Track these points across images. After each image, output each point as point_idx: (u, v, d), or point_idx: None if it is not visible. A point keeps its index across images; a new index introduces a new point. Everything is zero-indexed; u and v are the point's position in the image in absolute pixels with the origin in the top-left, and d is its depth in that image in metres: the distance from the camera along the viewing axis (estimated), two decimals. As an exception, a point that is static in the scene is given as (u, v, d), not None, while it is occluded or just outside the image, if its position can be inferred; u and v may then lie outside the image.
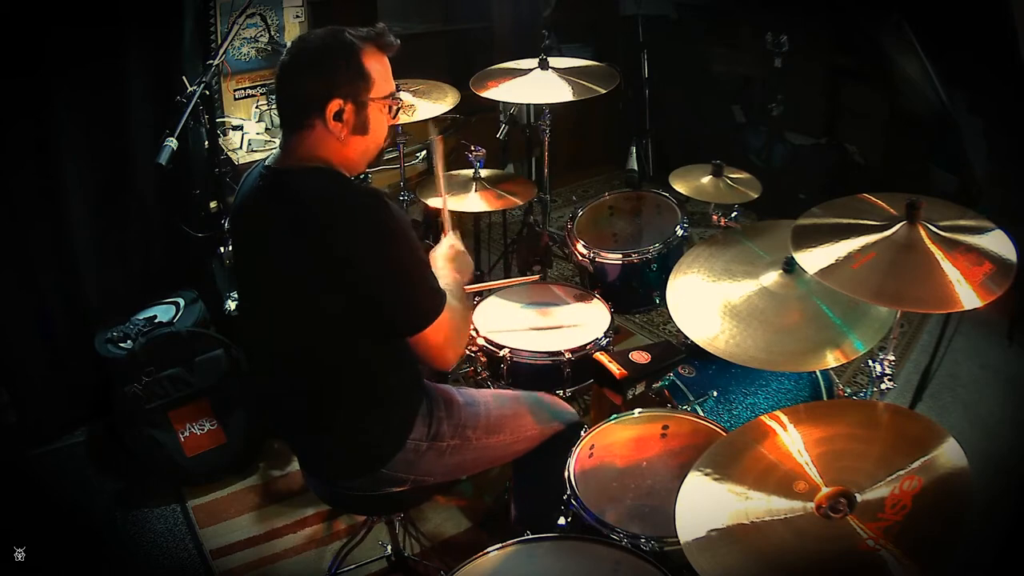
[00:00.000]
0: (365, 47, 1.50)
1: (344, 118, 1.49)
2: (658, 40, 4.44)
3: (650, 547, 1.49)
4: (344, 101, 1.48)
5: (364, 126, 1.53)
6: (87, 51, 2.55)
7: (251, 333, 1.77)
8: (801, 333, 1.64)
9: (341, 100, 1.48)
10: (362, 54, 1.50)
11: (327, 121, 1.48)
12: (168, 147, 2.14)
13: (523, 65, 2.72)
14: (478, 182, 2.64)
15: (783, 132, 4.15)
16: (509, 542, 1.50)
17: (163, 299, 2.87)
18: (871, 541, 1.08)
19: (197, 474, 2.64)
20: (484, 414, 1.80)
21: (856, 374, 3.00)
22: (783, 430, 1.33)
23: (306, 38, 1.55)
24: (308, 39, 1.54)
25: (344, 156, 1.55)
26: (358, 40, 1.50)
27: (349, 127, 1.51)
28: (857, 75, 3.86)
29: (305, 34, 1.57)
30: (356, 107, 1.50)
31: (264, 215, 1.56)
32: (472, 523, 2.45)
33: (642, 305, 2.63)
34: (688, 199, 2.51)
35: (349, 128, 1.51)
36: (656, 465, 1.75)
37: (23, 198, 2.59)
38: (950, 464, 1.15)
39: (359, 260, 1.45)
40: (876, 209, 1.57)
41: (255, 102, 3.16)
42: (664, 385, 2.05)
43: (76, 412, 2.86)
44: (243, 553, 2.39)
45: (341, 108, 1.48)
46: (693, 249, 1.92)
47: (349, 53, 1.48)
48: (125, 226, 2.86)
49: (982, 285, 1.35)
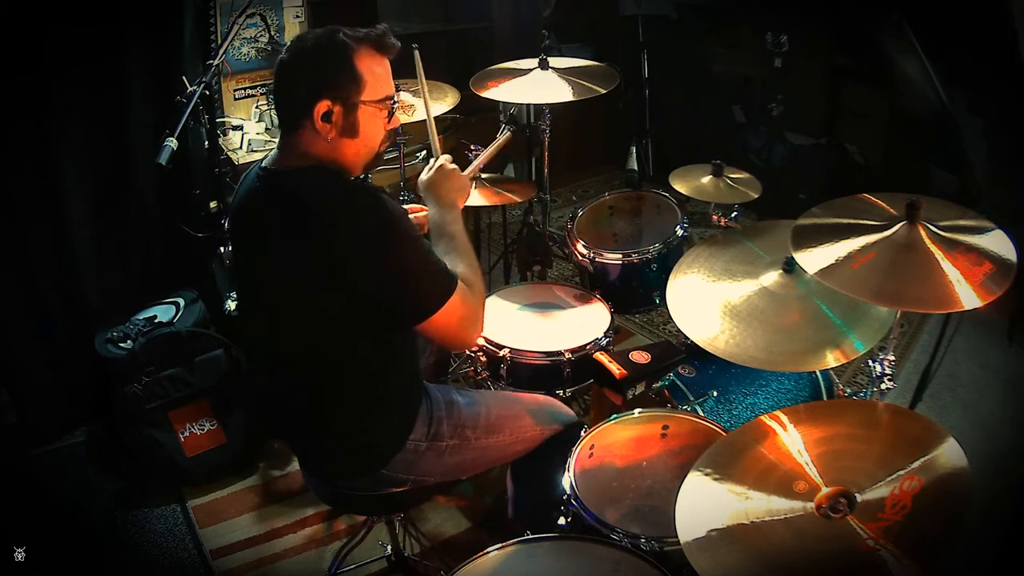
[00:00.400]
0: (360, 48, 1.48)
1: (332, 120, 1.47)
2: (658, 40, 4.44)
3: (650, 547, 1.49)
4: (333, 103, 1.46)
5: (353, 129, 1.51)
6: (87, 51, 2.55)
7: (251, 333, 1.77)
8: (801, 333, 1.64)
9: (329, 101, 1.46)
10: (355, 55, 1.47)
11: (315, 122, 1.47)
12: (168, 147, 2.14)
13: (523, 65, 2.72)
14: (478, 181, 2.64)
15: (783, 132, 4.15)
16: (509, 542, 1.50)
17: (163, 299, 2.88)
18: (871, 541, 1.08)
19: (197, 474, 2.64)
20: (484, 414, 1.80)
21: (856, 374, 3.00)
22: (783, 430, 1.33)
23: (303, 38, 1.54)
24: (304, 39, 1.53)
25: (334, 159, 1.53)
26: (353, 41, 1.48)
27: (337, 129, 1.49)
28: (857, 75, 3.85)
29: (303, 33, 1.57)
30: (345, 109, 1.48)
31: (263, 215, 1.56)
32: (472, 523, 2.45)
33: (642, 305, 2.62)
34: (688, 199, 2.51)
35: (337, 130, 1.49)
36: (656, 465, 1.75)
37: (23, 198, 2.59)
38: (950, 464, 1.15)
39: (361, 262, 1.44)
40: (876, 209, 1.57)
41: (255, 102, 3.16)
42: (664, 385, 2.05)
43: (76, 412, 2.86)
44: (243, 553, 2.39)
45: (329, 109, 1.46)
46: (693, 249, 1.92)
47: (341, 54, 1.47)
48: (125, 226, 2.86)
49: (982, 285, 1.35)
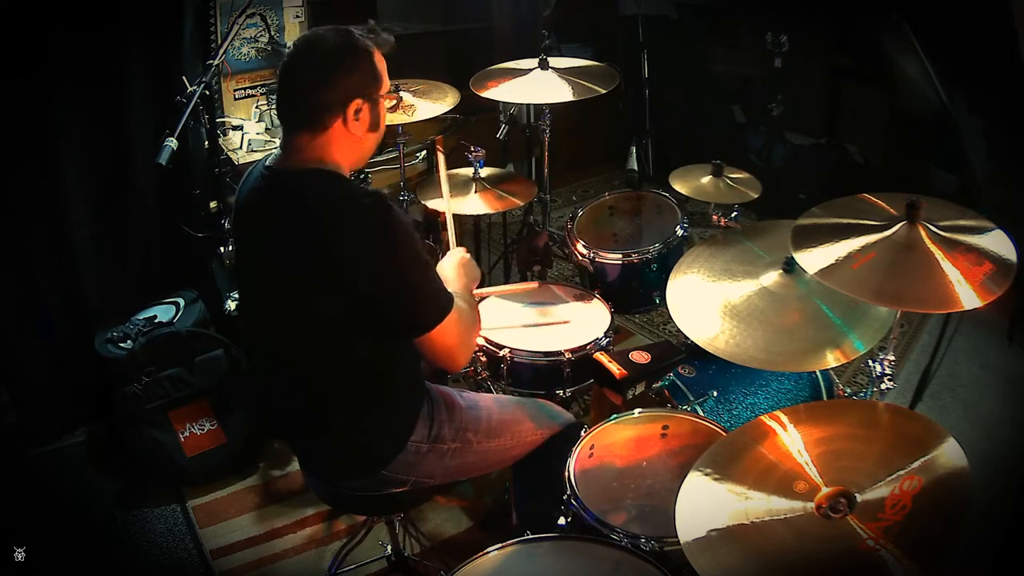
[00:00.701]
0: (374, 47, 1.56)
1: (360, 117, 1.53)
2: (658, 40, 4.44)
3: (650, 547, 1.49)
4: (363, 101, 1.53)
5: (377, 123, 1.59)
6: (87, 51, 2.54)
7: (251, 333, 1.78)
8: (801, 333, 1.64)
9: (361, 100, 1.52)
10: (374, 55, 1.55)
11: (347, 121, 1.52)
12: (168, 147, 2.14)
13: (523, 65, 2.71)
14: (478, 182, 2.64)
15: (783, 132, 4.15)
16: (509, 542, 1.50)
17: (163, 299, 2.87)
18: (871, 541, 1.08)
19: (197, 474, 2.64)
20: (485, 418, 1.80)
21: (856, 374, 3.00)
22: (783, 430, 1.33)
23: (316, 40, 1.53)
24: (319, 41, 1.52)
25: (355, 152, 1.59)
26: (368, 40, 1.55)
27: (366, 125, 1.56)
28: (857, 75, 3.86)
29: (311, 35, 1.56)
30: (371, 105, 1.55)
31: (265, 215, 1.56)
32: (472, 523, 2.45)
33: (642, 305, 2.62)
34: (688, 199, 2.51)
35: (366, 126, 1.56)
36: (656, 465, 1.75)
37: (23, 198, 2.59)
38: (950, 464, 1.15)
39: (361, 261, 1.45)
40: (876, 209, 1.57)
41: (255, 102, 3.15)
42: (664, 385, 2.05)
43: (76, 412, 2.86)
44: (243, 553, 2.39)
45: (359, 108, 1.52)
46: (693, 249, 1.92)
47: (366, 55, 1.53)
48: (125, 226, 2.86)
49: (982, 285, 1.35)
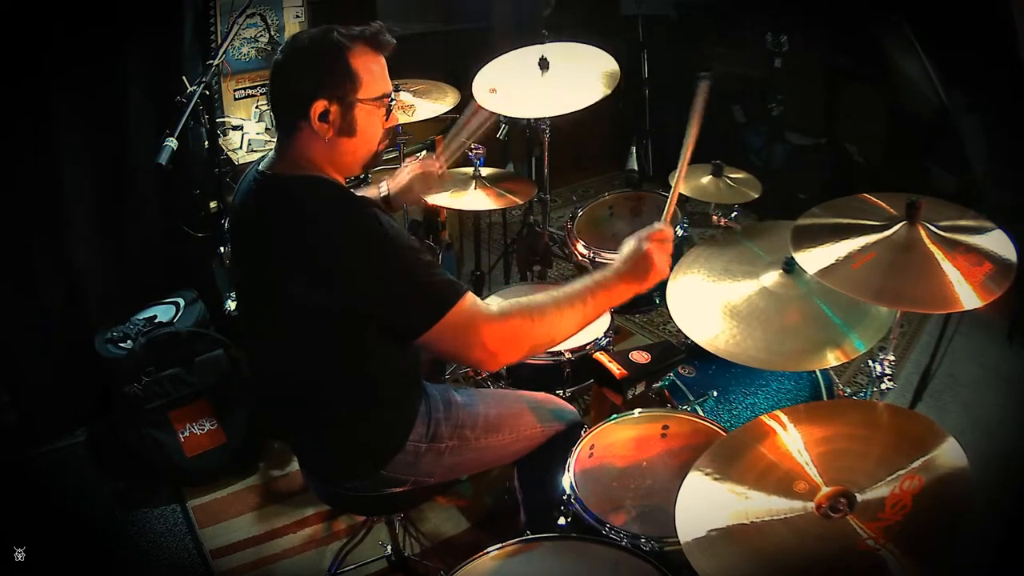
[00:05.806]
0: (354, 46, 1.48)
1: (330, 119, 1.47)
2: (658, 40, 4.44)
3: (650, 547, 1.49)
4: (329, 102, 1.46)
5: (351, 128, 1.50)
6: (87, 51, 2.55)
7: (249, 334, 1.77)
8: (801, 333, 1.64)
9: (326, 101, 1.45)
10: (349, 54, 1.47)
11: (312, 122, 1.46)
12: (168, 147, 2.14)
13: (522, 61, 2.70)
14: (478, 180, 2.63)
15: (783, 132, 4.15)
16: (509, 542, 1.50)
17: (163, 299, 2.87)
18: (871, 541, 1.08)
19: (197, 474, 2.64)
20: (483, 414, 1.79)
21: (856, 374, 3.00)
22: (783, 430, 1.32)
23: (297, 38, 1.53)
24: (298, 39, 1.52)
25: (332, 159, 1.53)
26: (347, 39, 1.47)
27: (335, 128, 1.48)
28: (857, 75, 3.85)
29: (297, 33, 1.56)
30: (342, 108, 1.48)
31: (258, 220, 1.55)
32: (472, 523, 2.45)
33: (642, 305, 2.62)
34: (688, 199, 2.51)
35: (335, 129, 1.48)
36: (656, 465, 1.75)
37: (23, 198, 2.59)
38: (950, 464, 1.15)
39: (349, 272, 1.42)
40: (876, 209, 1.57)
41: (255, 102, 3.16)
42: (664, 385, 2.05)
43: (76, 412, 2.87)
44: (243, 553, 2.39)
45: (326, 109, 1.46)
46: (693, 249, 1.92)
47: (335, 52, 1.46)
48: (125, 226, 2.86)
49: (982, 285, 1.35)
